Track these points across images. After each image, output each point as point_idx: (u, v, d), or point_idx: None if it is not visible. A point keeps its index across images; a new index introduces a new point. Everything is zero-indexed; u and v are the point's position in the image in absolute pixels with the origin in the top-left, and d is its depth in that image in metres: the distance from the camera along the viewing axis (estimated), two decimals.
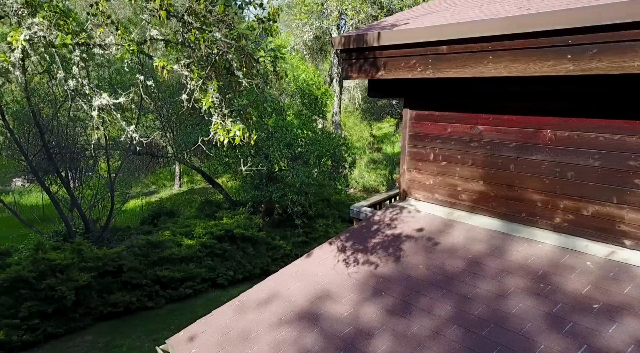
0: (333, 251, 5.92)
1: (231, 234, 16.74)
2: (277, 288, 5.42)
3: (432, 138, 6.24)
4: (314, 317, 4.82)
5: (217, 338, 4.80)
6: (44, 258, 13.23)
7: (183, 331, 5.08)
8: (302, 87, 18.05)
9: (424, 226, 5.97)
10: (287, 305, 5.09)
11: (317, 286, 5.31)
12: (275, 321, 4.87)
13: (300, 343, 4.47)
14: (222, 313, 5.18)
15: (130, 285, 14.59)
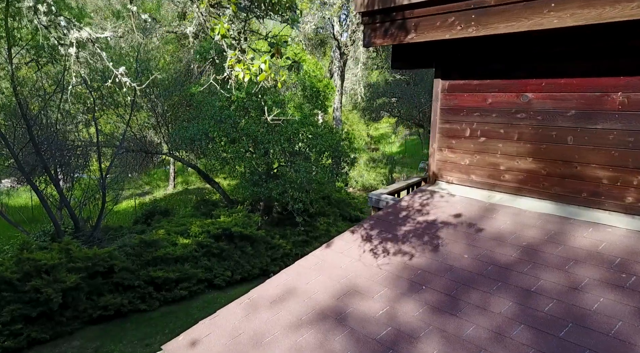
0: (357, 241, 5.09)
1: (229, 232, 15.89)
2: (294, 283, 4.58)
3: (469, 111, 5.43)
4: (341, 316, 3.99)
5: (225, 343, 3.96)
6: (29, 258, 12.34)
7: (183, 335, 4.24)
8: (303, 79, 17.24)
9: (462, 211, 5.15)
10: (308, 302, 4.26)
11: (341, 280, 4.48)
12: (294, 321, 4.04)
13: (327, 348, 3.63)
14: (229, 313, 4.34)
15: (122, 286, 13.71)
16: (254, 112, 16.89)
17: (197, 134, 16.54)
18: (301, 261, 4.98)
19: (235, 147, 16.24)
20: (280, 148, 16.38)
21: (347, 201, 22.27)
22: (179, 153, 20.38)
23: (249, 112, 17.10)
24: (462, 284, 4.03)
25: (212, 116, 16.70)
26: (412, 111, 33.17)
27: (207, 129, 16.45)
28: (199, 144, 16.74)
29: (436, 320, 3.69)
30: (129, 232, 16.69)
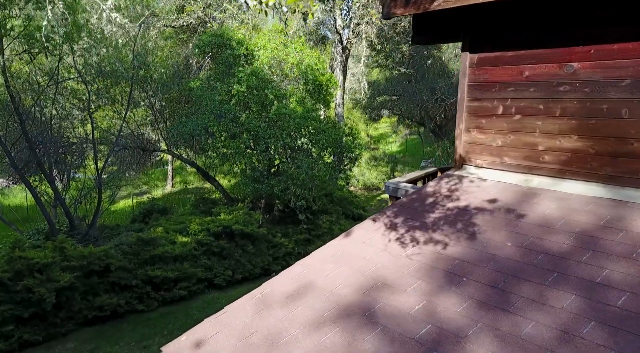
0: (380, 229, 4.55)
1: (229, 230, 15.33)
2: (312, 276, 4.04)
3: (502, 86, 4.89)
4: (370, 312, 3.44)
5: (234, 344, 3.41)
6: (21, 256, 11.77)
7: (186, 334, 3.69)
8: (306, 73, 16.69)
9: (497, 196, 4.61)
10: (329, 297, 3.71)
11: (366, 272, 3.93)
12: (315, 319, 3.50)
13: (357, 349, 3.09)
14: (238, 310, 3.79)
15: (119, 286, 13.15)
16: (254, 107, 16.35)
17: (196, 129, 15.99)
18: (317, 252, 4.45)
19: (236, 142, 15.70)
20: (282, 143, 15.84)
21: (350, 200, 21.74)
22: (177, 150, 19.85)
23: (250, 106, 16.56)
24: (509, 275, 3.49)
25: (211, 110, 16.17)
26: (414, 109, 32.70)
27: (207, 124, 15.91)
28: (199, 139, 16.18)
29: (484, 316, 3.15)
30: (126, 230, 16.10)
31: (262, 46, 17.19)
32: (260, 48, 17.18)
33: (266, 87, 16.21)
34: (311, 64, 16.89)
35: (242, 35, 17.89)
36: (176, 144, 18.31)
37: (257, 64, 16.58)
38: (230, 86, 16.20)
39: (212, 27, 20.84)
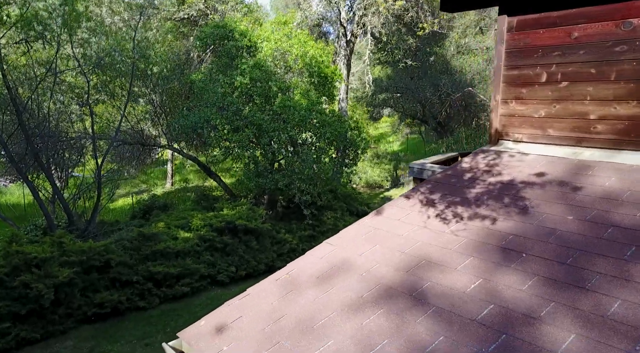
0: (415, 206, 4.11)
1: (232, 226, 14.88)
2: (344, 256, 3.60)
3: (546, 51, 4.44)
4: (418, 292, 3.00)
5: (262, 328, 2.97)
6: (18, 251, 11.31)
7: (205, 319, 3.26)
8: (310, 64, 16.25)
9: (544, 170, 4.17)
10: (367, 277, 3.27)
11: (406, 250, 3.49)
12: (353, 300, 3.06)
13: (409, 333, 2.65)
14: (263, 292, 3.35)
15: (119, 282, 12.70)
16: (258, 99, 15.93)
17: (198, 122, 15.54)
18: (346, 231, 4.01)
19: (239, 136, 15.25)
20: (287, 136, 15.40)
21: (354, 196, 21.29)
22: (177, 145, 19.39)
23: (253, 99, 16.13)
24: (578, 250, 3.05)
25: (214, 103, 15.72)
26: (416, 106, 32.29)
27: (210, 117, 15.46)
28: (201, 132, 15.72)
29: (558, 294, 2.71)
30: (126, 226, 15.63)
31: (265, 37, 16.75)
32: (263, 40, 16.75)
33: (270, 79, 15.78)
34: (316, 55, 16.46)
35: (245, 27, 17.44)
36: (177, 139, 17.83)
37: (261, 56, 16.15)
38: (233, 78, 15.76)
39: (213, 19, 20.41)
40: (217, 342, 2.96)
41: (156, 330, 11.89)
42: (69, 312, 11.73)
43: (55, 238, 12.38)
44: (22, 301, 10.91)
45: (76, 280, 11.76)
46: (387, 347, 2.57)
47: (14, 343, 10.70)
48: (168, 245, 13.70)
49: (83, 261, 12.05)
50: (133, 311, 12.71)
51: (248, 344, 2.86)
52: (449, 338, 2.54)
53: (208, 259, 14.26)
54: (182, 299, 13.52)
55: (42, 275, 11.19)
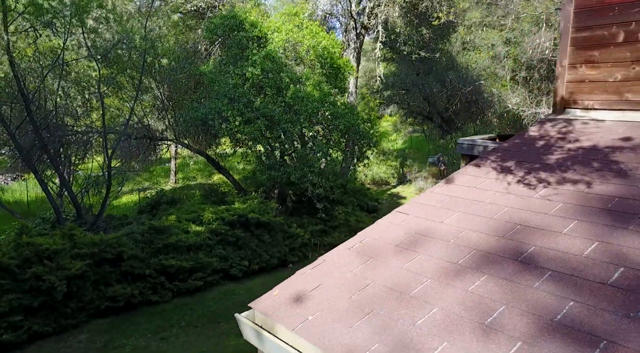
0: (489, 174, 3.86)
1: (244, 219, 14.60)
2: (422, 224, 3.34)
3: (623, 7, 4.16)
4: (524, 257, 2.79)
5: (349, 297, 2.70)
6: (28, 243, 11.00)
7: (278, 289, 2.99)
8: (323, 55, 15.98)
9: (629, 135, 3.91)
10: (458, 243, 3.03)
11: (495, 215, 3.24)
12: (446, 267, 2.82)
13: (528, 299, 2.38)
14: (339, 261, 3.09)
15: (132, 275, 12.41)
16: (269, 91, 15.64)
17: (209, 114, 15.26)
18: (417, 199, 3.75)
19: (251, 128, 14.95)
20: (300, 127, 15.12)
21: (363, 191, 21.04)
22: (185, 140, 19.08)
23: (264, 90, 15.85)
24: None
25: (225, 94, 15.43)
26: (422, 103, 32.08)
27: (221, 108, 15.17)
28: (212, 124, 15.43)
29: None
30: (136, 221, 15.31)
31: (276, 28, 16.49)
32: (274, 31, 16.48)
33: (281, 70, 15.52)
34: (328, 46, 16.20)
35: (254, 18, 17.17)
36: (185, 133, 17.53)
37: (272, 47, 15.87)
38: (244, 69, 15.49)
39: (221, 11, 20.14)
40: (298, 311, 2.69)
41: (170, 324, 11.60)
42: (81, 305, 11.44)
43: (65, 231, 12.09)
44: (34, 293, 10.61)
45: (88, 273, 11.48)
46: (507, 313, 2.31)
47: (26, 337, 10.40)
48: (180, 238, 13.42)
49: (95, 254, 11.76)
50: (145, 305, 12.43)
51: (336, 313, 2.59)
52: (582, 304, 2.28)
53: (220, 253, 13.99)
54: (195, 293, 13.23)
55: (54, 267, 10.90)
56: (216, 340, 10.77)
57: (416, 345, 2.25)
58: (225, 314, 12.04)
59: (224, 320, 11.73)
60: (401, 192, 26.59)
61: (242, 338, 9.54)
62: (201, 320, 11.80)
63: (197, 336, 11.02)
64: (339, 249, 3.28)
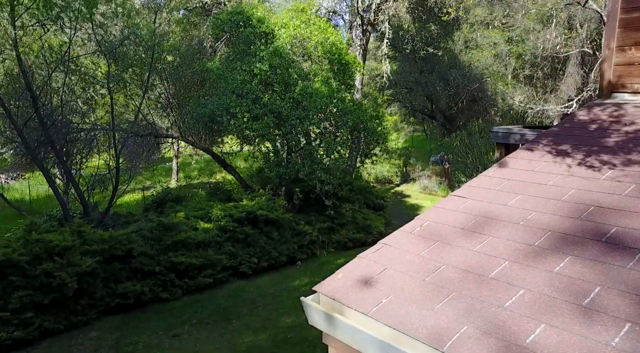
0: (545, 157, 3.76)
1: (253, 216, 14.47)
2: (484, 206, 3.24)
3: None
4: (608, 238, 2.72)
5: (423, 279, 2.59)
6: (38, 240, 10.86)
7: (342, 272, 2.85)
8: (331, 51, 15.86)
9: None
10: (529, 226, 2.94)
11: (563, 197, 3.14)
12: (522, 249, 2.73)
13: (626, 280, 2.27)
14: (401, 245, 2.98)
15: (141, 272, 12.27)
16: (278, 87, 15.51)
17: (217, 110, 15.12)
18: (472, 184, 3.62)
19: (259, 124, 14.82)
20: (309, 123, 14.99)
21: (369, 189, 20.91)
22: (192, 138, 18.92)
23: (273, 86, 15.73)
24: None
25: (233, 90, 15.30)
26: (424, 101, 32.02)
27: (229, 104, 15.03)
28: (220, 120, 15.29)
29: None
30: (143, 218, 15.14)
31: (283, 24, 16.37)
32: (281, 27, 16.37)
33: (289, 66, 15.40)
34: (336, 42, 16.09)
35: (261, 13, 17.05)
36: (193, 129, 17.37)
37: (279, 42, 15.76)
38: (252, 65, 15.36)
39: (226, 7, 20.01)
40: (369, 294, 2.56)
41: (182, 321, 11.46)
42: (92, 302, 11.30)
43: (74, 227, 11.95)
44: (45, 290, 10.47)
45: (98, 270, 11.34)
46: (605, 294, 2.19)
47: (37, 334, 10.27)
48: (189, 235, 13.29)
49: (104, 251, 11.63)
50: (155, 302, 12.30)
51: (411, 296, 2.47)
52: None
53: (229, 250, 13.86)
54: (205, 290, 13.11)
55: (65, 264, 10.75)
56: (229, 338, 10.63)
57: (511, 327, 2.13)
58: (236, 311, 11.92)
59: (235, 318, 11.60)
60: (405, 191, 26.51)
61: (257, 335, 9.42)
62: (212, 318, 11.66)
63: (209, 333, 10.87)
64: (398, 233, 3.16)
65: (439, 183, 25.77)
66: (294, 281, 13.77)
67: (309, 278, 13.97)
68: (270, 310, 11.99)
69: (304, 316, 9.84)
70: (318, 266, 14.98)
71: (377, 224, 17.77)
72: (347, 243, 16.52)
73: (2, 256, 10.26)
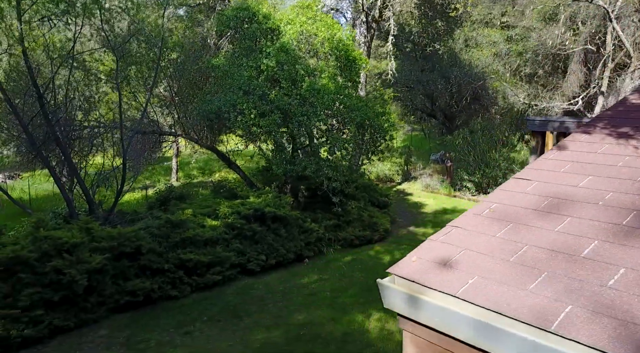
0: (606, 139, 3.74)
1: (260, 213, 14.34)
2: (554, 188, 3.15)
3: None
4: None
5: (507, 259, 2.46)
6: (46, 236, 10.69)
7: (415, 255, 2.75)
8: (338, 47, 15.76)
9: None
10: (609, 205, 2.87)
11: (638, 177, 2.99)
12: (611, 229, 2.64)
13: None
14: (474, 228, 2.90)
15: (150, 270, 12.13)
16: (285, 83, 15.39)
17: (224, 106, 14.98)
18: (532, 166, 3.51)
19: (267, 120, 14.70)
20: (317, 119, 14.88)
21: (373, 187, 20.82)
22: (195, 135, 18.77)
23: (280, 83, 15.61)
24: None
25: (240, 86, 15.17)
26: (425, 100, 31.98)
27: (236, 101, 14.90)
28: (227, 117, 15.16)
29: None
30: (150, 215, 14.97)
31: (290, 20, 16.26)
32: (287, 23, 16.26)
33: (296, 62, 15.29)
34: (343, 38, 15.99)
35: (267, 9, 16.94)
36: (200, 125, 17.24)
37: (286, 39, 15.65)
38: (258, 61, 15.24)
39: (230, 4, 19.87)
40: (452, 275, 2.46)
41: (192, 318, 11.34)
42: (101, 300, 11.16)
43: (82, 224, 11.80)
44: (54, 287, 10.31)
45: (107, 267, 11.20)
46: None
47: (47, 332, 10.12)
48: (197, 232, 13.15)
49: (113, 248, 11.48)
50: (164, 300, 12.18)
51: (498, 276, 2.35)
52: None
53: (237, 247, 13.73)
54: (214, 288, 13.00)
55: (74, 261, 10.60)
56: (241, 335, 10.51)
57: (622, 306, 2.03)
58: (246, 309, 11.80)
59: (245, 315, 11.48)
60: (407, 189, 26.42)
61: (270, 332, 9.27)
62: (222, 315, 11.53)
63: (220, 330, 10.75)
64: (466, 216, 3.04)
65: (441, 181, 25.71)
66: (302, 279, 13.65)
67: (318, 275, 13.87)
68: (280, 307, 11.87)
69: (316, 313, 9.78)
70: (325, 264, 14.88)
71: (383, 221, 17.69)
72: (353, 240, 16.43)
73: (11, 253, 10.09)
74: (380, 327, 10.68)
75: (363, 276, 13.66)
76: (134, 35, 14.20)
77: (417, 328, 2.48)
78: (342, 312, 11.43)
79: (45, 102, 13.70)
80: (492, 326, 2.07)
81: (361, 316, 11.21)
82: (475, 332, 2.14)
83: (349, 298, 12.28)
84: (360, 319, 11.05)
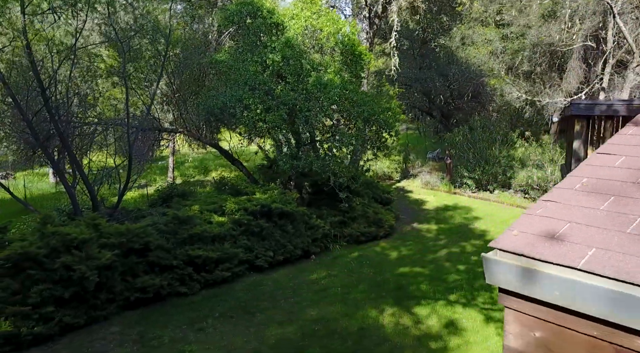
0: None
1: (267, 209, 14.20)
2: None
3: None
4: None
5: (624, 231, 2.35)
6: (54, 232, 10.48)
7: (516, 229, 2.60)
8: (343, 42, 15.64)
9: None
10: None
11: None
12: None
13: None
14: (570, 202, 2.78)
15: (159, 266, 11.93)
16: (290, 78, 15.24)
17: (230, 102, 14.81)
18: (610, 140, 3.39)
19: (273, 115, 14.54)
20: (323, 115, 14.75)
21: (375, 184, 20.76)
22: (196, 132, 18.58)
23: (285, 78, 15.46)
24: None
25: (245, 81, 15.01)
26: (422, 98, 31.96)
27: (242, 96, 14.74)
28: (233, 112, 14.99)
29: None
30: (155, 212, 14.76)
31: (294, 15, 16.12)
32: (291, 17, 16.12)
33: (302, 57, 15.15)
34: (348, 33, 15.87)
35: (270, 4, 16.80)
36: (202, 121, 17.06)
37: (291, 33, 15.51)
38: (263, 56, 15.09)
39: None
40: (567, 248, 2.33)
41: (203, 315, 11.17)
42: (111, 296, 10.96)
43: (89, 220, 11.59)
44: (64, 284, 10.11)
45: (116, 263, 10.99)
46: None
47: (58, 329, 9.90)
48: (205, 228, 12.99)
49: (122, 244, 11.29)
50: (174, 296, 12.00)
51: (621, 247, 2.23)
52: None
53: (245, 243, 13.59)
54: (223, 285, 12.83)
55: (84, 257, 10.40)
56: (255, 330, 10.36)
57: None
58: (257, 305, 11.65)
59: (257, 311, 11.33)
60: (406, 186, 26.38)
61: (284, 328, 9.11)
62: (234, 311, 11.37)
63: (233, 326, 10.59)
64: (558, 191, 2.92)
65: (441, 178, 25.69)
66: (311, 275, 13.52)
67: (326, 271, 13.75)
68: (292, 303, 11.73)
69: (328, 309, 9.62)
70: (332, 260, 14.76)
71: (388, 218, 17.61)
72: (359, 236, 16.32)
73: (20, 249, 9.89)
74: (395, 322, 10.56)
75: (372, 272, 13.55)
76: (141, 29, 13.97)
77: (524, 304, 2.35)
78: (354, 308, 11.30)
79: (50, 96, 13.47)
80: (633, 296, 1.95)
81: (374, 311, 11.08)
82: (609, 304, 2.02)
83: (359, 293, 12.15)
84: (374, 314, 10.93)
